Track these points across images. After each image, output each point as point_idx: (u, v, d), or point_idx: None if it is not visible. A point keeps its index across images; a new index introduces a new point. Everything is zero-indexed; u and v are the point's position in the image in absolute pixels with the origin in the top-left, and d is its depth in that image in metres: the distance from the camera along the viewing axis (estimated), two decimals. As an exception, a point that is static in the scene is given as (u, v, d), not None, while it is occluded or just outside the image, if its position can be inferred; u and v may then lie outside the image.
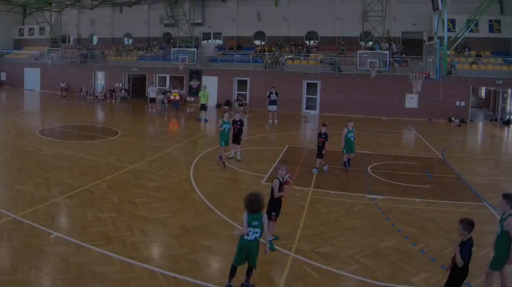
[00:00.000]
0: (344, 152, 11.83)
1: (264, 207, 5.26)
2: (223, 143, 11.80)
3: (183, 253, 6.34)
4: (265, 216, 5.26)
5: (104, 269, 5.71)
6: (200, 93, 21.09)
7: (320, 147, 11.42)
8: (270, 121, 20.86)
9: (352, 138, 11.75)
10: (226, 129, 11.71)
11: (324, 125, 11.63)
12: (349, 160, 11.97)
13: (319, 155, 11.46)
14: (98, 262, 5.89)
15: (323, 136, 11.43)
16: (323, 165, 11.69)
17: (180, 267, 5.88)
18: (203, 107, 20.63)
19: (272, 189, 6.52)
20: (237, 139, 12.19)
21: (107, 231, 6.94)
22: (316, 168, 11.56)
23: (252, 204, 5.09)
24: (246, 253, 5.17)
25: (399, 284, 5.70)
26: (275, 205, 6.54)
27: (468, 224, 4.87)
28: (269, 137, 16.94)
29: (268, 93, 21.33)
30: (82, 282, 5.36)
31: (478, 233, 7.50)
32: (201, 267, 5.96)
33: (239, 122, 12.07)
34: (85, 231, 6.90)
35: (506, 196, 5.37)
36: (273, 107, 21.09)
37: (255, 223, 5.10)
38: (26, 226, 6.96)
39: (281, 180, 6.44)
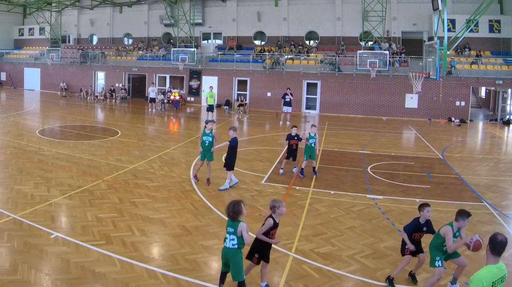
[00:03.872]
0: (305, 158, 10.94)
1: (238, 216, 4.97)
2: (201, 156, 10.03)
3: (183, 253, 6.34)
4: (242, 225, 4.97)
5: (104, 269, 5.71)
6: (207, 94, 20.93)
7: (294, 149, 10.93)
8: (281, 122, 20.75)
9: (313, 145, 10.86)
10: (207, 142, 9.78)
11: (294, 127, 11.31)
12: (313, 168, 11.12)
13: (295, 158, 10.97)
14: (98, 262, 5.89)
15: (296, 138, 10.94)
16: (294, 167, 11.30)
17: (180, 267, 5.89)
18: (211, 108, 20.51)
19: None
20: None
21: (107, 231, 6.94)
22: (302, 169, 10.97)
23: (227, 209, 5.03)
24: (226, 260, 5.10)
25: (399, 284, 5.70)
26: (259, 245, 5.30)
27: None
28: (269, 137, 16.94)
29: (283, 95, 21.17)
30: (82, 282, 5.36)
31: (479, 233, 7.53)
32: (201, 267, 5.95)
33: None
34: (85, 231, 6.90)
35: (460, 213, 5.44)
36: (288, 109, 20.97)
37: (231, 229, 5.01)
38: (26, 226, 6.96)
39: (276, 221, 5.24)
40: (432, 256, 5.43)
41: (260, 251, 5.30)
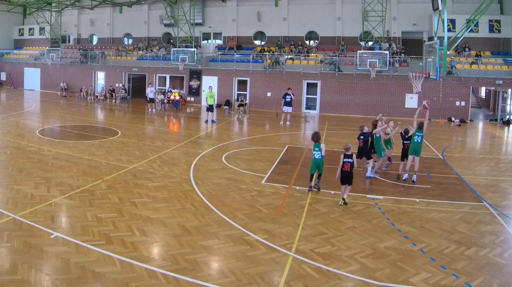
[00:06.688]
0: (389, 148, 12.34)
1: (319, 139, 9.56)
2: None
3: (183, 253, 6.34)
4: (323, 145, 9.50)
5: (104, 269, 5.71)
6: (207, 94, 20.85)
7: None
8: (282, 122, 20.65)
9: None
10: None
11: None
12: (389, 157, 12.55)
13: None
14: (98, 262, 5.89)
15: None
16: None
17: (180, 267, 5.89)
18: (210, 108, 20.41)
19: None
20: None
21: (107, 231, 6.94)
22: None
23: (313, 136, 9.64)
24: (316, 165, 9.45)
25: (399, 284, 5.70)
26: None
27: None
28: (269, 138, 16.93)
29: (283, 94, 21.01)
30: (82, 282, 5.37)
31: (479, 233, 7.54)
32: (201, 267, 5.95)
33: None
34: (85, 231, 6.90)
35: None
36: (289, 109, 20.83)
37: (316, 148, 9.42)
38: (26, 226, 6.96)
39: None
40: None
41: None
